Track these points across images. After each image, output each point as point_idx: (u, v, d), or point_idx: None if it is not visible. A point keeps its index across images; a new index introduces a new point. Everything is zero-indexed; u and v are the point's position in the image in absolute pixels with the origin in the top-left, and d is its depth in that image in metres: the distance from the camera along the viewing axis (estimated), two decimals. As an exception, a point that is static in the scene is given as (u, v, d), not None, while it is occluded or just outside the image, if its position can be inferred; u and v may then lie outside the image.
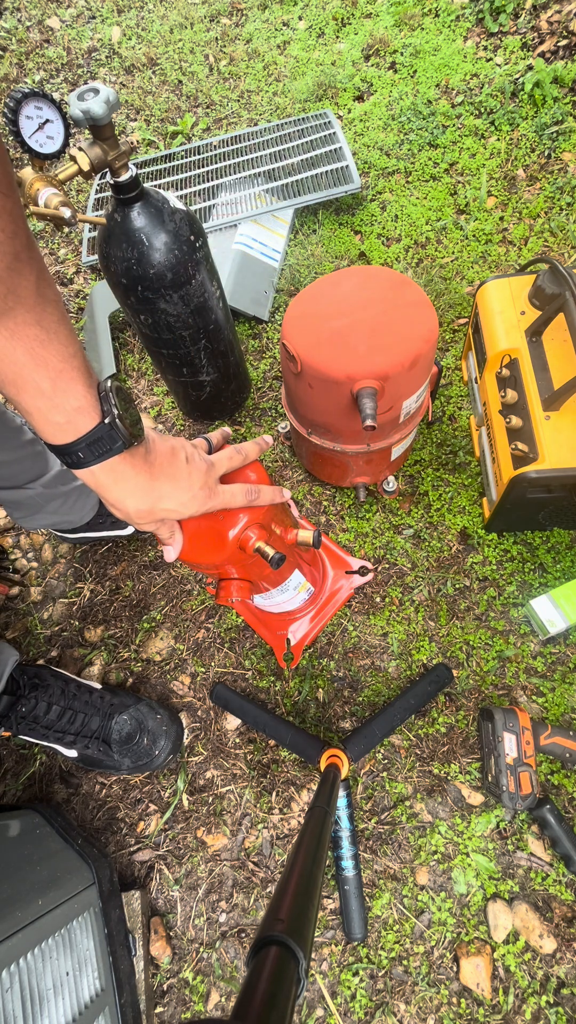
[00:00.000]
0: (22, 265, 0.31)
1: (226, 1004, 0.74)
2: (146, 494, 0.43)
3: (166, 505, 0.44)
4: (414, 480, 1.03)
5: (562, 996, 0.69)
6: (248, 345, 1.22)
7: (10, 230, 0.30)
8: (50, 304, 0.34)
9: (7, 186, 0.29)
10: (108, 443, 0.39)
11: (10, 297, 0.31)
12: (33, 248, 0.33)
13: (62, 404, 0.36)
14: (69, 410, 0.37)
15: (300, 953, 0.32)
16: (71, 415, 0.37)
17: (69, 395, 0.36)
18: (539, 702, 0.84)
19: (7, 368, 0.34)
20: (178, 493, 0.44)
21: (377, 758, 0.83)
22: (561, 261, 1.19)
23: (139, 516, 0.44)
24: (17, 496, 0.81)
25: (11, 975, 0.52)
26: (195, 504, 0.45)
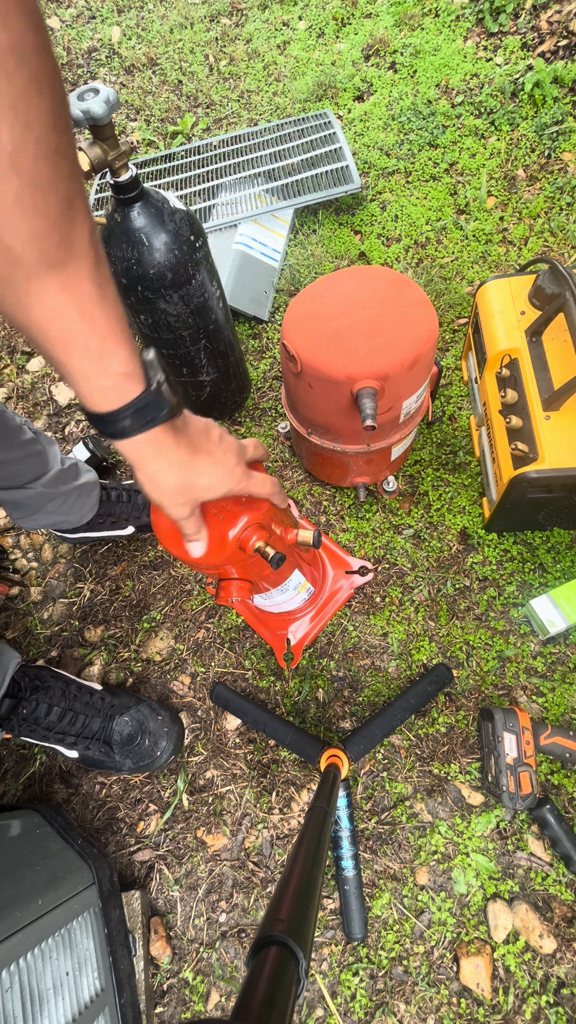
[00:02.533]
0: (76, 212, 0.29)
1: (226, 1004, 0.74)
2: (184, 469, 0.41)
3: (202, 482, 0.42)
4: (414, 480, 1.03)
5: (562, 996, 0.69)
6: (248, 345, 1.22)
7: (66, 171, 0.28)
8: (102, 262, 0.33)
9: (64, 124, 0.27)
10: (155, 410, 0.37)
11: (64, 246, 0.29)
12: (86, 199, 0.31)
13: (109, 367, 0.34)
14: (116, 374, 0.35)
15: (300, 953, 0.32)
16: (117, 380, 0.35)
17: (116, 358, 0.34)
18: (539, 702, 0.84)
19: (56, 326, 0.32)
20: (215, 470, 0.43)
21: (377, 758, 0.83)
22: (561, 261, 1.19)
23: (175, 493, 0.42)
24: (17, 496, 0.81)
25: (11, 975, 0.52)
26: (230, 481, 0.44)
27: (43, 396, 1.24)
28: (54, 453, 0.84)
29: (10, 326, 0.32)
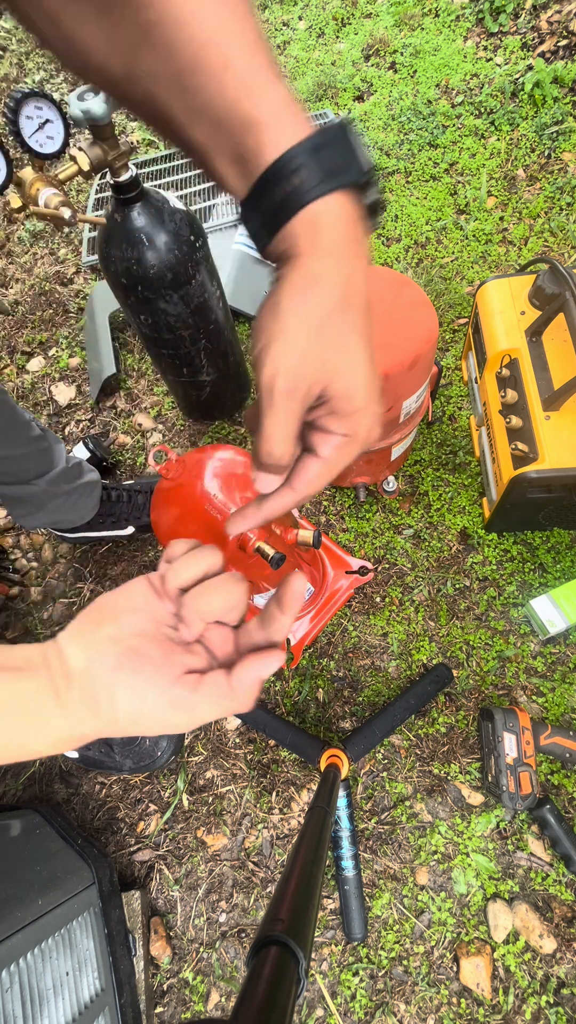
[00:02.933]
0: None
1: (226, 1004, 0.74)
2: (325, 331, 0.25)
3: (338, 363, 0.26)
4: (414, 480, 1.03)
5: (562, 996, 0.69)
6: (248, 345, 1.22)
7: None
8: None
9: None
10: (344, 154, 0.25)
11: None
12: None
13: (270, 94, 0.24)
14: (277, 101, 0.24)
15: (300, 953, 0.32)
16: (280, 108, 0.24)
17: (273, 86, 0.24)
18: (539, 702, 0.84)
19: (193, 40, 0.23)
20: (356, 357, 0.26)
21: (377, 758, 0.83)
22: (561, 261, 1.19)
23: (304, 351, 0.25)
24: (21, 492, 0.82)
25: (11, 975, 0.52)
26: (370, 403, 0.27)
27: (43, 396, 1.24)
28: (59, 451, 0.85)
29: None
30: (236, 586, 0.28)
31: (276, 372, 0.24)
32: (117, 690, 0.25)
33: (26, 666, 0.26)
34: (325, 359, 0.25)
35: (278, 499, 0.29)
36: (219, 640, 0.29)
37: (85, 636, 0.27)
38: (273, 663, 0.26)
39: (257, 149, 0.24)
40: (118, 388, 1.21)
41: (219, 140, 0.25)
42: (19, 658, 0.26)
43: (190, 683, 0.26)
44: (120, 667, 0.25)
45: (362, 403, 0.26)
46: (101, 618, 0.27)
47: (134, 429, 1.16)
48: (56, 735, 0.26)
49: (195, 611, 0.27)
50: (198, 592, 0.28)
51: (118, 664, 0.25)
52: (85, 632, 0.27)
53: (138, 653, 0.26)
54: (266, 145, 0.24)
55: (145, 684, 0.25)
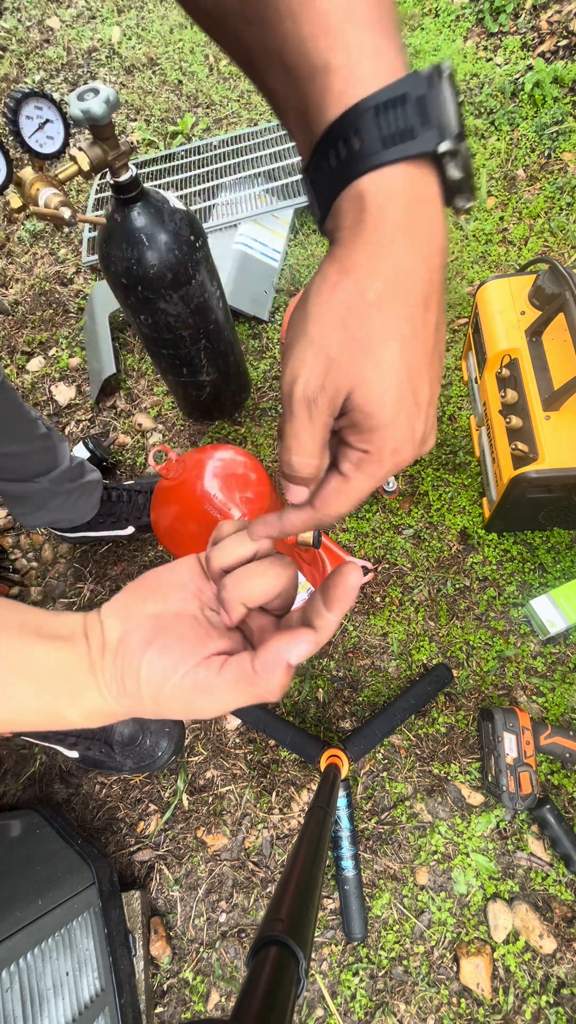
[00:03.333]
0: None
1: (226, 1004, 0.74)
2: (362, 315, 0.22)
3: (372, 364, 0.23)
4: (414, 480, 1.03)
5: (562, 996, 0.69)
6: (248, 345, 1.22)
7: None
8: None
9: None
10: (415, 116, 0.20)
11: None
12: None
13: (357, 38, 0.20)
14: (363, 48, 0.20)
15: (300, 953, 0.32)
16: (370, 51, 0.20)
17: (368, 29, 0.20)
18: (539, 702, 0.84)
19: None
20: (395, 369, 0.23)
21: (377, 758, 0.83)
22: (561, 261, 1.19)
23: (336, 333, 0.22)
24: (24, 490, 0.82)
25: (11, 975, 0.52)
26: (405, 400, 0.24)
27: (43, 396, 1.24)
28: (63, 450, 0.85)
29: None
30: (283, 570, 0.25)
31: (295, 377, 0.22)
32: (143, 666, 0.24)
33: (68, 635, 0.26)
34: (352, 364, 0.21)
35: (296, 515, 0.26)
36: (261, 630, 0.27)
37: (126, 610, 0.26)
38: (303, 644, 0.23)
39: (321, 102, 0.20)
40: (118, 388, 1.21)
41: (290, 90, 0.21)
42: (62, 626, 0.26)
43: (215, 665, 0.24)
44: (149, 643, 0.25)
45: (387, 419, 0.22)
46: (145, 594, 0.27)
47: (134, 429, 1.16)
48: (90, 706, 0.26)
49: (236, 594, 0.25)
50: (240, 574, 0.25)
51: (148, 640, 0.25)
52: (127, 606, 0.27)
53: (171, 631, 0.25)
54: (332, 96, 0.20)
55: (170, 662, 0.24)
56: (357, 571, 0.25)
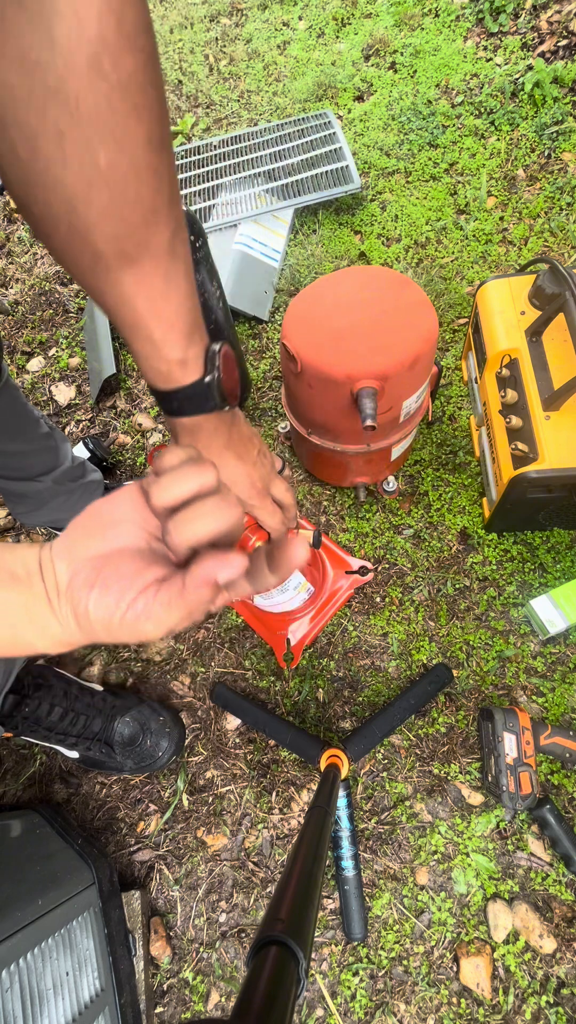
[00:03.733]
0: (159, 219, 0.32)
1: (226, 1004, 0.74)
2: (214, 457, 0.44)
3: (223, 474, 0.43)
4: (414, 480, 1.03)
5: (562, 996, 0.69)
6: (248, 345, 1.22)
7: (153, 185, 0.30)
8: (179, 260, 0.35)
9: (159, 143, 0.29)
10: (202, 400, 0.40)
11: (142, 247, 0.32)
12: (175, 204, 0.33)
13: (166, 355, 0.37)
14: (172, 361, 0.38)
15: (300, 953, 0.32)
16: (172, 366, 0.38)
17: (174, 347, 0.37)
18: (539, 702, 0.84)
19: (127, 313, 0.35)
20: (238, 472, 0.46)
21: (377, 758, 0.83)
22: (561, 261, 1.19)
23: None
24: (26, 489, 0.82)
25: (11, 975, 0.52)
26: (245, 491, 0.47)
27: (43, 396, 1.24)
28: (65, 450, 0.85)
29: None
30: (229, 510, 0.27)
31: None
32: (89, 606, 0.26)
33: (25, 576, 0.27)
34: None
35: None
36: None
37: (72, 550, 0.28)
38: (231, 564, 0.26)
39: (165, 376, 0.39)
40: (118, 388, 1.21)
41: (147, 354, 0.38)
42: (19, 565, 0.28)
43: (151, 592, 0.26)
44: (92, 584, 0.26)
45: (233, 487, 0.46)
46: (88, 531, 0.29)
47: (134, 429, 1.16)
48: (55, 638, 0.28)
49: (181, 538, 0.26)
50: (185, 516, 0.26)
51: (90, 581, 0.26)
52: (72, 546, 0.28)
53: (111, 569, 0.27)
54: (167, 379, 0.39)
55: (112, 600, 0.26)
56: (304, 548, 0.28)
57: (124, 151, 0.28)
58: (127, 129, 0.27)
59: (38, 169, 0.28)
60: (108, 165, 0.28)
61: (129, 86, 0.26)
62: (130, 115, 0.27)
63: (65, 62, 0.25)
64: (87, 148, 0.27)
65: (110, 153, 0.27)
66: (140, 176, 0.29)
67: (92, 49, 0.25)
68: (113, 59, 0.25)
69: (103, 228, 0.30)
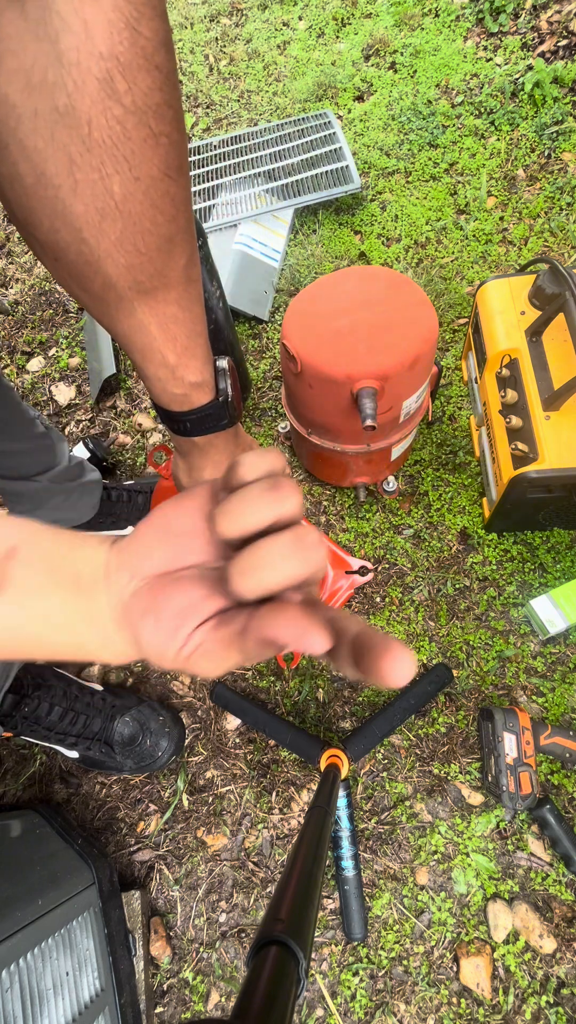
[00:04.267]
0: (174, 248, 0.31)
1: (226, 1004, 0.74)
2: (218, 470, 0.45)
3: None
4: (414, 480, 1.03)
5: (562, 996, 0.69)
6: (248, 345, 1.22)
7: (169, 214, 0.29)
8: (192, 284, 0.35)
9: (176, 169, 0.28)
10: (215, 420, 0.42)
11: (157, 277, 0.32)
12: (189, 231, 0.32)
13: (183, 377, 0.38)
14: (187, 384, 0.39)
15: (300, 953, 0.32)
16: (188, 389, 0.39)
17: (190, 370, 0.38)
18: (539, 702, 0.84)
19: (140, 338, 0.35)
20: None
21: (377, 758, 0.83)
22: (561, 261, 1.19)
23: None
24: (23, 488, 0.82)
25: (11, 975, 0.52)
26: None
27: (43, 396, 1.24)
28: (62, 449, 0.85)
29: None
30: (312, 552, 0.21)
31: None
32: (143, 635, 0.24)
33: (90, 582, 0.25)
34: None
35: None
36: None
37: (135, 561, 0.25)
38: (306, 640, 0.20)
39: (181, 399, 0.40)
40: (118, 388, 1.21)
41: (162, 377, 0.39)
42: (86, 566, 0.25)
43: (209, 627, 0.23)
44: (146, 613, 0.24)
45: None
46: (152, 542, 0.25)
47: (134, 429, 1.16)
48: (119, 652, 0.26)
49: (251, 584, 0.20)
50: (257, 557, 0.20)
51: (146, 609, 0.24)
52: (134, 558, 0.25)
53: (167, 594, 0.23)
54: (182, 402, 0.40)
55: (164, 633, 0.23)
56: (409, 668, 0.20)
57: (140, 180, 0.26)
58: (143, 156, 0.26)
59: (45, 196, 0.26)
60: (123, 195, 0.26)
61: (145, 110, 0.25)
62: (147, 141, 0.25)
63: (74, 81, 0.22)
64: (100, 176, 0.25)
65: (125, 183, 0.26)
66: (156, 205, 0.28)
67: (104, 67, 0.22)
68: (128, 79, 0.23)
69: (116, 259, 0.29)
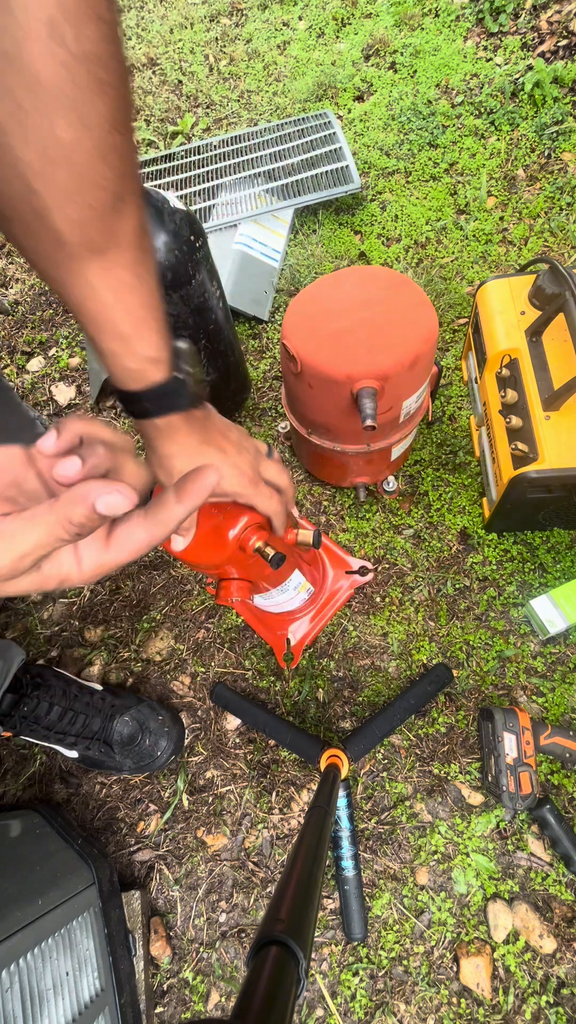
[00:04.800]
0: (125, 207, 0.31)
1: (226, 1004, 0.74)
2: (193, 456, 0.43)
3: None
4: (414, 480, 1.03)
5: (562, 996, 0.69)
6: (248, 345, 1.22)
7: (119, 170, 0.29)
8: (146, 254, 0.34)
9: (123, 124, 0.28)
10: (175, 398, 0.40)
11: (109, 236, 0.31)
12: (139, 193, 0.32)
13: (138, 351, 0.37)
14: (143, 358, 0.37)
15: (300, 953, 0.32)
16: (144, 364, 0.37)
17: (145, 344, 0.37)
18: (539, 702, 0.84)
19: (93, 305, 0.34)
20: (223, 466, 0.44)
21: (377, 758, 0.83)
22: (561, 261, 1.19)
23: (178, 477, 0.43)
24: None
25: (11, 975, 0.52)
26: (235, 482, 0.45)
27: (43, 396, 1.24)
28: None
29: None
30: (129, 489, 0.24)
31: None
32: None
33: None
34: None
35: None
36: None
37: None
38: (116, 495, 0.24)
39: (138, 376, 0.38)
40: (118, 388, 1.21)
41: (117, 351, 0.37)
42: None
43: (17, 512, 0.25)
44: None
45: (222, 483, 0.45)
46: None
47: (133, 429, 1.16)
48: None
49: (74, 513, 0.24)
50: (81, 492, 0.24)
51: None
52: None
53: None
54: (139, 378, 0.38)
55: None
56: (215, 473, 0.27)
57: (88, 128, 0.27)
58: (91, 104, 0.26)
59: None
60: (71, 142, 0.27)
61: (92, 58, 0.25)
62: (93, 89, 0.26)
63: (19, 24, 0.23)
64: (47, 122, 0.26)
65: (73, 129, 0.26)
66: (105, 158, 0.28)
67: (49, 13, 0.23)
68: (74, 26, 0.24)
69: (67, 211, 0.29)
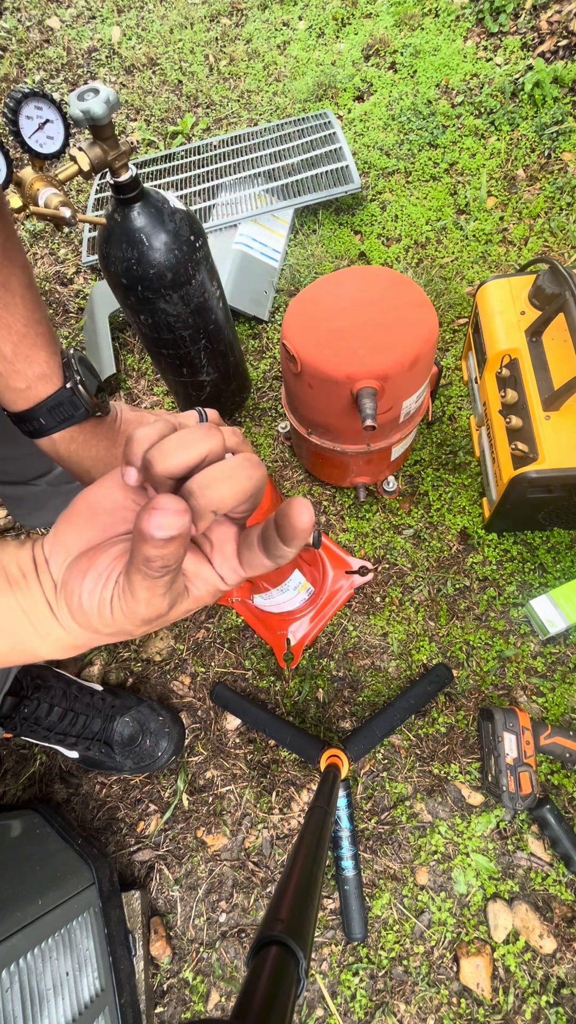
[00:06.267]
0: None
1: (226, 1004, 0.74)
2: (106, 463, 0.40)
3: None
4: (414, 480, 1.03)
5: (562, 996, 0.69)
6: (248, 345, 1.22)
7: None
8: (16, 267, 0.33)
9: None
10: (70, 409, 0.37)
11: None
12: (1, 209, 0.32)
13: (23, 370, 0.35)
14: (31, 376, 0.36)
15: (300, 953, 0.32)
16: (32, 381, 0.36)
17: (31, 361, 0.35)
18: (539, 702, 0.84)
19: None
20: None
21: (377, 758, 0.83)
22: (561, 261, 1.19)
23: None
24: (22, 492, 0.82)
25: (11, 975, 0.52)
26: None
27: (43, 396, 1.24)
28: None
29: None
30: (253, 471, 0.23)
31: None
32: (83, 596, 0.23)
33: (20, 577, 0.25)
34: None
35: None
36: (220, 540, 0.26)
37: (66, 543, 0.25)
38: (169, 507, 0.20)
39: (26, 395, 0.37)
40: (118, 388, 1.21)
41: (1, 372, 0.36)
42: (13, 565, 0.25)
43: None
44: (85, 571, 0.23)
45: None
46: (83, 522, 0.25)
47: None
48: (59, 642, 0.25)
49: (205, 503, 0.22)
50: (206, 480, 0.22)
51: (84, 569, 0.23)
52: (66, 537, 0.25)
53: (102, 551, 0.24)
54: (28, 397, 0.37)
55: (98, 582, 0.23)
56: (308, 510, 0.23)
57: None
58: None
59: None
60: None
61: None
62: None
63: None
64: None
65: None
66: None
67: None
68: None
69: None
